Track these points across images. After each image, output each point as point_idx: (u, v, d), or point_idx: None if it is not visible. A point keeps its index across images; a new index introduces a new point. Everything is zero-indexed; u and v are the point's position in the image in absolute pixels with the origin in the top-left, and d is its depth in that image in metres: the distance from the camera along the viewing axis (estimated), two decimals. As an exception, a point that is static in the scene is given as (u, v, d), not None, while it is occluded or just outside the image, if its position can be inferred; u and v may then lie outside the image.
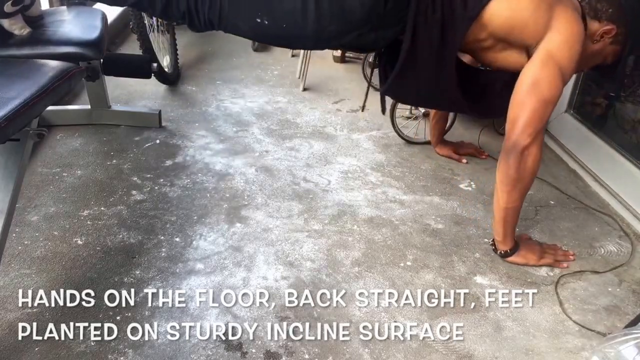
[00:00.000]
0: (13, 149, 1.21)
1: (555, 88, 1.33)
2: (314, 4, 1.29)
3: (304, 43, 1.43)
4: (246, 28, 1.38)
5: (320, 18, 1.31)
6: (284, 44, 1.47)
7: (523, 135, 1.32)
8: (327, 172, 1.86)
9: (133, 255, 1.41)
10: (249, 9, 1.34)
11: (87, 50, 1.65)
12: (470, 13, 1.33)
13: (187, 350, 1.14)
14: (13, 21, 1.58)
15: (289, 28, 1.35)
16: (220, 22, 1.38)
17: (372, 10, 1.30)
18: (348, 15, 1.31)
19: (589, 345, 1.21)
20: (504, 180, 1.37)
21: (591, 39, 1.42)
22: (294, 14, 1.32)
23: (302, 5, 1.30)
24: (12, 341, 1.14)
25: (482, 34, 1.38)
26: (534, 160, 1.34)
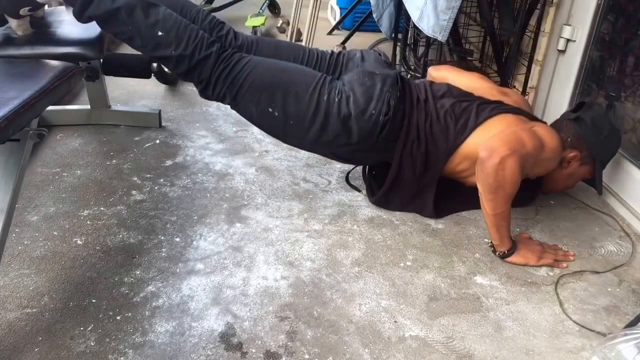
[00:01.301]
0: (13, 149, 1.21)
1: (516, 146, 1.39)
2: (323, 114, 1.48)
3: (300, 142, 1.59)
4: (255, 112, 1.52)
5: (325, 127, 1.50)
6: (281, 137, 1.60)
7: (501, 147, 1.37)
8: (327, 172, 1.86)
9: (133, 255, 1.41)
10: (265, 98, 1.48)
11: (87, 50, 1.65)
12: (450, 144, 1.53)
13: (187, 350, 1.14)
14: (21, 22, 1.59)
15: (295, 126, 1.51)
16: (234, 99, 1.52)
17: (367, 136, 1.50)
18: (347, 133, 1.50)
19: (589, 345, 1.21)
20: (484, 188, 1.40)
21: (562, 166, 1.59)
22: (305, 116, 1.49)
23: (314, 112, 1.48)
24: (12, 341, 1.14)
25: (463, 163, 1.54)
26: (511, 171, 1.36)
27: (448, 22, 1.82)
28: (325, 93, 1.48)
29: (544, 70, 2.17)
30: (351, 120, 1.48)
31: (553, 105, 2.13)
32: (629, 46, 1.85)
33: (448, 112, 1.54)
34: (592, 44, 1.94)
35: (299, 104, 1.48)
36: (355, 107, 1.47)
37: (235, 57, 1.49)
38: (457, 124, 1.53)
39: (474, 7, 2.27)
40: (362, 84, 1.50)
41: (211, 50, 1.46)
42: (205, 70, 1.47)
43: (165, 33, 1.43)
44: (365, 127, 1.48)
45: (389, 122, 1.49)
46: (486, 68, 2.35)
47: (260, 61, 1.52)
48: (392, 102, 1.49)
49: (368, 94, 1.48)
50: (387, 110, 1.48)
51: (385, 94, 1.49)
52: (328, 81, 1.51)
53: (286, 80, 1.49)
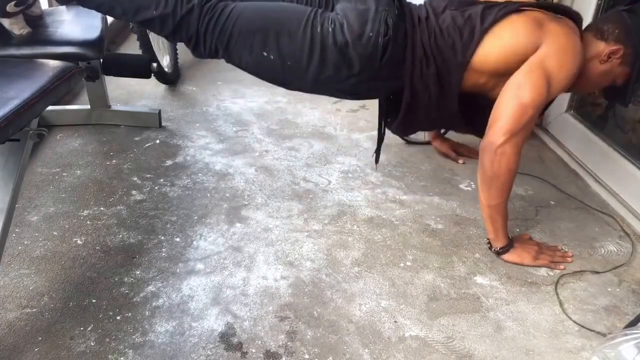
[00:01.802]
0: (13, 149, 1.21)
1: (537, 94, 1.35)
2: (319, 48, 1.38)
3: (301, 83, 1.49)
4: (250, 60, 1.44)
5: (324, 61, 1.40)
6: (280, 81, 1.50)
7: (498, 135, 1.34)
8: (327, 172, 1.86)
9: (133, 255, 1.41)
10: (258, 42, 1.40)
11: (87, 50, 1.65)
12: (460, 59, 1.40)
13: (187, 350, 1.14)
14: (14, 21, 1.58)
15: (292, 66, 1.42)
16: (226, 49, 1.43)
17: (369, 61, 1.38)
18: (347, 63, 1.39)
19: (589, 345, 1.21)
20: (481, 179, 1.40)
21: (598, 60, 1.44)
22: (301, 53, 1.39)
23: (310, 48, 1.38)
24: (12, 341, 1.14)
25: (481, 78, 1.44)
26: (508, 160, 1.34)
27: None
28: (318, 25, 1.39)
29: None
30: (349, 48, 1.37)
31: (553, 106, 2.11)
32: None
33: (450, 25, 1.42)
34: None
35: (293, 41, 1.40)
36: (351, 32, 1.36)
37: (219, 7, 1.42)
38: (462, 36, 1.40)
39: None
40: (355, 8, 1.40)
41: (192, 3, 1.39)
42: (191, 26, 1.40)
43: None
44: (364, 52, 1.37)
45: (390, 43, 1.37)
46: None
47: (245, 6, 1.45)
48: (390, 20, 1.37)
49: (362, 17, 1.37)
50: (386, 30, 1.36)
51: (381, 14, 1.37)
52: (320, 13, 1.41)
53: (276, 19, 1.42)
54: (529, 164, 1.96)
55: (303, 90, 1.55)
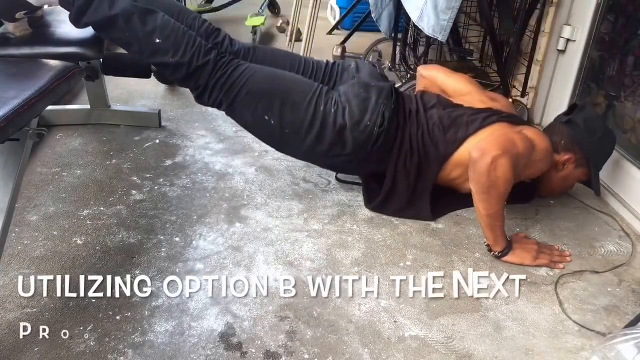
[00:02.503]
0: (13, 149, 1.21)
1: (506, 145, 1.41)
2: (319, 125, 1.50)
3: (294, 151, 1.61)
4: (250, 120, 1.54)
5: (321, 137, 1.51)
6: (274, 144, 1.62)
7: (493, 147, 1.39)
8: (327, 172, 1.85)
9: (133, 255, 1.41)
10: (262, 105, 1.50)
11: (86, 50, 1.65)
12: (442, 153, 1.55)
13: (187, 350, 1.14)
14: (18, 24, 1.59)
15: (291, 135, 1.53)
16: (230, 105, 1.52)
17: (362, 146, 1.52)
18: (342, 144, 1.52)
19: (589, 345, 1.21)
20: (477, 189, 1.41)
21: (557, 169, 1.61)
22: (301, 125, 1.50)
23: (310, 122, 1.50)
24: (12, 341, 1.14)
25: (455, 171, 1.56)
26: (504, 171, 1.37)
27: (448, 22, 1.82)
28: (322, 104, 1.50)
29: (544, 70, 2.17)
30: (346, 131, 1.50)
31: (553, 106, 2.12)
32: (629, 46, 1.85)
33: (436, 124, 1.57)
34: (592, 44, 1.94)
35: (296, 113, 1.49)
36: (351, 118, 1.49)
37: (233, 64, 1.50)
38: (446, 135, 1.55)
39: (474, 7, 2.26)
40: (358, 95, 1.52)
41: (209, 57, 1.47)
42: (202, 77, 1.47)
43: (163, 40, 1.44)
44: (360, 138, 1.50)
45: (384, 134, 1.51)
46: (486, 68, 2.35)
47: (258, 69, 1.53)
48: (387, 114, 1.51)
49: (363, 106, 1.50)
50: (382, 122, 1.50)
51: (380, 106, 1.51)
52: (325, 92, 1.53)
53: (284, 89, 1.51)
54: (529, 164, 1.95)
55: (294, 157, 1.66)
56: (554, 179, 1.64)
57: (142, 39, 1.44)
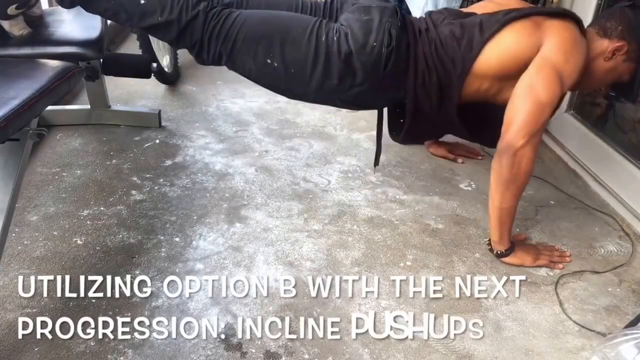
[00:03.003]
0: (13, 149, 1.21)
1: (552, 90, 1.35)
2: (324, 57, 1.39)
3: (303, 92, 1.49)
4: (253, 67, 1.45)
5: (327, 70, 1.41)
6: (282, 89, 1.52)
7: (517, 137, 1.33)
8: (327, 172, 1.86)
9: (133, 255, 1.41)
10: (262, 49, 1.41)
11: (86, 50, 1.65)
12: (459, 70, 1.42)
13: (186, 350, 1.14)
14: (14, 22, 1.58)
15: (296, 74, 1.43)
16: (230, 56, 1.44)
17: (372, 71, 1.40)
18: (351, 72, 1.41)
19: (589, 345, 1.21)
20: (497, 180, 1.38)
21: (603, 57, 1.45)
22: (305, 62, 1.41)
23: (314, 56, 1.40)
24: (11, 341, 1.14)
25: (484, 84, 1.45)
26: (527, 162, 1.34)
27: None
28: (323, 34, 1.41)
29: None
30: (353, 57, 1.39)
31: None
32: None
33: (448, 35, 1.44)
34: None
35: (297, 49, 1.41)
36: (355, 42, 1.38)
37: (224, 13, 1.43)
38: (460, 45, 1.42)
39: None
40: (359, 18, 1.42)
41: (198, 9, 1.40)
42: (195, 32, 1.41)
43: (148, 0, 1.39)
44: (368, 61, 1.39)
45: (393, 53, 1.39)
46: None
47: (251, 13, 1.46)
48: (394, 31, 1.39)
49: (366, 27, 1.39)
50: (390, 41, 1.39)
51: (385, 24, 1.39)
52: (324, 23, 1.43)
53: (281, 27, 1.43)
54: (529, 164, 1.95)
55: (305, 99, 1.56)
56: (597, 70, 1.48)
57: (127, 3, 1.39)
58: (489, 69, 1.41)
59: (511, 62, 1.40)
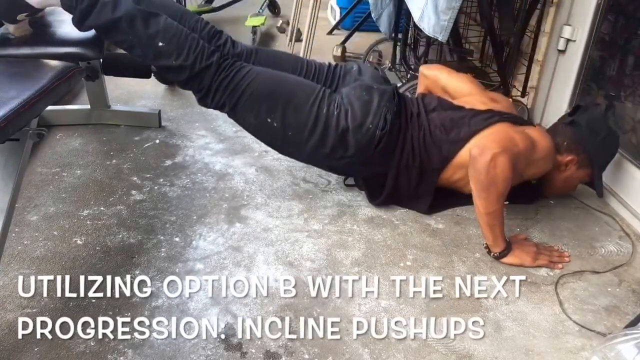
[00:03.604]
0: (13, 149, 1.21)
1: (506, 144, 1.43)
2: (322, 127, 1.50)
3: (298, 153, 1.60)
4: (253, 122, 1.54)
5: (323, 139, 1.52)
6: (276, 146, 1.62)
7: (491, 145, 1.40)
8: (327, 172, 1.85)
9: (132, 255, 1.41)
10: (265, 108, 1.50)
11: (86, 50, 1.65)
12: (445, 154, 1.55)
13: (186, 350, 1.14)
14: (19, 25, 1.59)
15: (293, 137, 1.53)
16: (233, 108, 1.52)
17: (364, 149, 1.52)
18: (344, 146, 1.52)
19: (589, 345, 1.21)
20: (476, 187, 1.42)
21: (560, 170, 1.62)
22: (304, 128, 1.51)
23: (313, 125, 1.50)
24: (11, 341, 1.14)
25: (458, 173, 1.56)
26: (503, 169, 1.38)
27: (449, 22, 1.82)
28: (325, 106, 1.50)
29: (544, 69, 2.17)
30: (349, 134, 1.50)
31: (553, 106, 2.12)
32: (629, 46, 1.85)
33: (438, 126, 1.57)
34: (592, 44, 1.94)
35: (298, 115, 1.50)
36: (353, 120, 1.50)
37: (236, 66, 1.50)
38: (449, 135, 1.55)
39: (474, 7, 2.26)
40: (360, 97, 1.52)
41: (212, 59, 1.47)
42: (205, 79, 1.47)
43: (166, 43, 1.44)
44: (362, 140, 1.51)
45: (386, 136, 1.51)
46: (486, 68, 2.35)
47: (260, 71, 1.53)
48: (389, 116, 1.51)
49: (366, 108, 1.51)
50: (384, 125, 1.51)
51: (383, 109, 1.51)
52: (327, 94, 1.53)
53: (286, 91, 1.51)
54: (529, 164, 1.95)
55: (295, 158, 1.66)
56: (557, 180, 1.64)
57: (145, 42, 1.44)
58: (467, 160, 1.48)
59: None
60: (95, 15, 1.42)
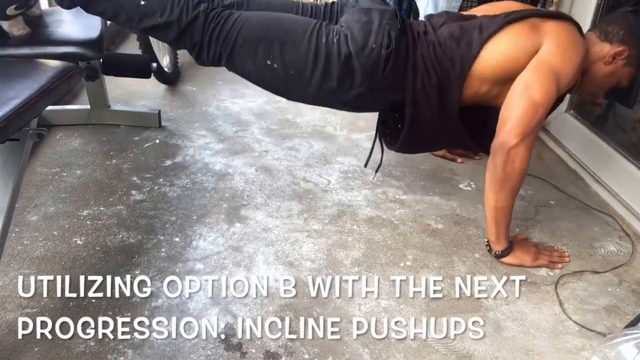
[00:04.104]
0: (12, 149, 1.21)
1: (547, 91, 1.35)
2: (324, 58, 1.40)
3: (303, 93, 1.49)
4: (253, 68, 1.45)
5: (327, 72, 1.41)
6: (282, 91, 1.51)
7: (510, 136, 1.34)
8: (327, 172, 1.86)
9: (132, 255, 1.41)
10: (262, 50, 1.41)
11: (86, 50, 1.65)
12: (459, 71, 1.41)
13: (186, 350, 1.14)
14: (13, 22, 1.58)
15: (296, 76, 1.43)
16: (230, 57, 1.44)
17: (371, 72, 1.40)
18: (350, 74, 1.41)
19: (589, 345, 1.21)
20: (492, 179, 1.39)
21: (603, 61, 1.45)
22: (305, 63, 1.41)
23: (314, 58, 1.40)
24: (11, 341, 1.14)
25: (483, 86, 1.44)
26: (521, 161, 1.35)
27: None
28: (323, 36, 1.41)
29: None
30: (352, 59, 1.39)
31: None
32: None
33: (447, 37, 1.44)
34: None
35: (297, 51, 1.41)
36: (354, 44, 1.39)
37: (224, 14, 1.43)
38: (459, 46, 1.42)
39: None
40: (359, 20, 1.43)
41: (198, 10, 1.40)
42: (195, 33, 1.41)
43: (147, 1, 1.39)
44: (367, 63, 1.39)
45: (392, 55, 1.39)
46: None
47: (251, 15, 1.46)
48: (393, 33, 1.39)
49: (366, 29, 1.40)
50: (389, 43, 1.39)
51: (385, 27, 1.40)
52: (324, 25, 1.44)
53: (281, 29, 1.43)
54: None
55: (304, 101, 1.55)
56: (597, 73, 1.48)
57: (127, 5, 1.39)
58: (487, 70, 1.41)
59: (509, 63, 1.39)
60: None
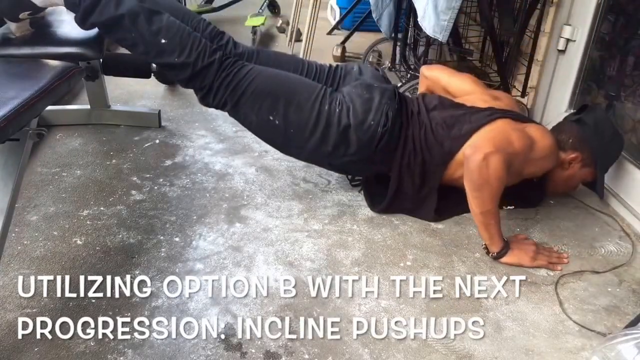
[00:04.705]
0: (12, 149, 1.21)
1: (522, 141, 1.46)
2: (324, 124, 1.50)
3: (298, 151, 1.60)
4: (255, 120, 1.54)
5: (325, 137, 1.52)
6: (278, 145, 1.61)
7: (485, 145, 1.40)
8: (327, 172, 1.85)
9: (132, 255, 1.41)
10: (267, 105, 1.50)
11: (86, 50, 1.65)
12: (447, 150, 1.53)
13: (186, 350, 1.14)
14: (20, 25, 1.59)
15: (295, 135, 1.53)
16: (235, 106, 1.52)
17: (365, 146, 1.52)
18: (345, 143, 1.52)
19: (589, 345, 1.21)
20: (469, 185, 1.42)
21: (562, 167, 1.61)
22: (305, 125, 1.51)
23: (315, 122, 1.50)
24: (11, 341, 1.14)
25: (460, 170, 1.51)
26: (496, 168, 1.38)
27: (448, 22, 1.82)
28: (327, 103, 1.51)
29: (544, 70, 2.17)
30: (350, 130, 1.50)
31: (553, 105, 2.13)
32: (629, 46, 1.85)
33: (439, 123, 1.56)
34: (592, 44, 1.94)
35: (300, 113, 1.50)
36: (355, 117, 1.50)
37: (237, 65, 1.51)
38: (450, 132, 1.54)
39: (474, 7, 2.26)
40: (361, 95, 1.53)
41: (214, 57, 1.47)
42: (207, 78, 1.48)
43: (169, 40, 1.45)
44: (363, 137, 1.51)
45: (387, 133, 1.51)
46: (486, 68, 2.35)
47: (262, 69, 1.54)
48: (390, 114, 1.52)
49: (367, 106, 1.51)
50: (385, 122, 1.51)
51: (384, 106, 1.52)
52: (329, 92, 1.54)
53: (288, 89, 1.52)
54: (529, 164, 1.95)
55: (297, 158, 1.65)
56: (559, 178, 1.64)
57: (148, 39, 1.45)
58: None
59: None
60: (98, 12, 1.43)
